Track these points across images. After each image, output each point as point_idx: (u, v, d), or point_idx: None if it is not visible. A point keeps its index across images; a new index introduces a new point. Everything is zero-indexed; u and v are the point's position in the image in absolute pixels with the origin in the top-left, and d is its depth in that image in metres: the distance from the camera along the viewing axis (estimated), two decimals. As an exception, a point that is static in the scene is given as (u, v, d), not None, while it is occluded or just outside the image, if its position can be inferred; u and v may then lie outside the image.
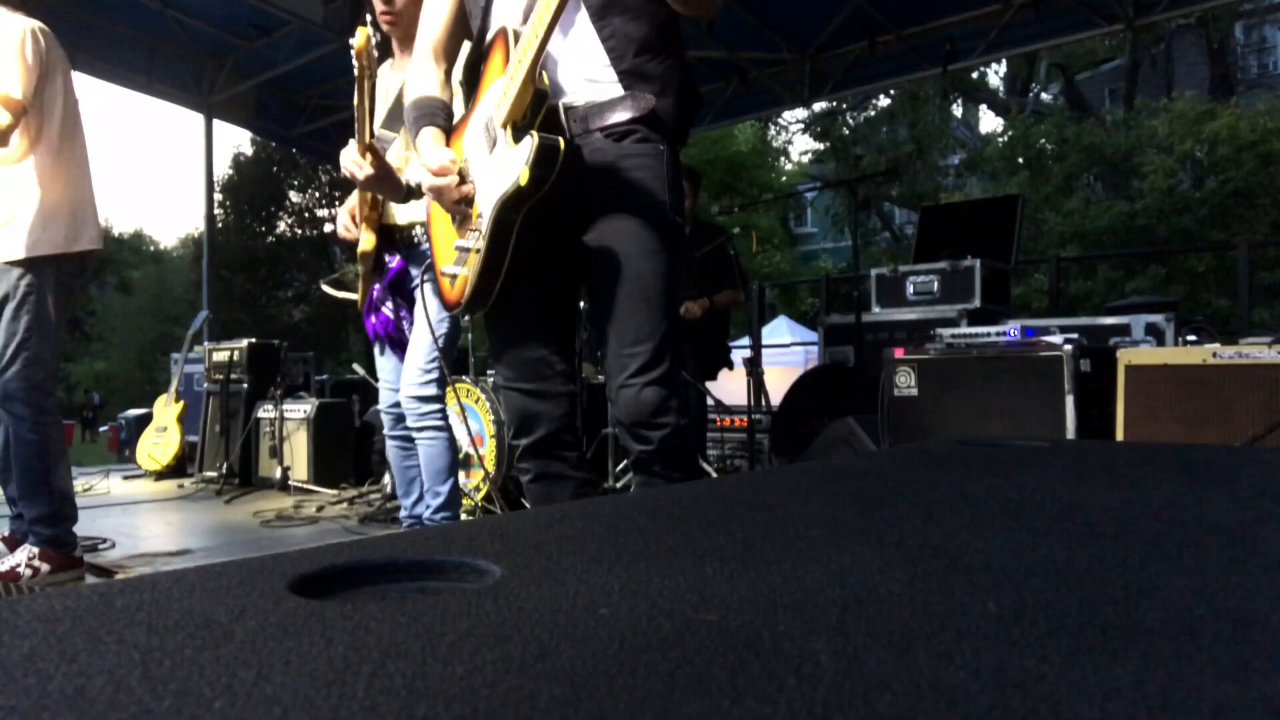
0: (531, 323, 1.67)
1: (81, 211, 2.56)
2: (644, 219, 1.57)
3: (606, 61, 1.57)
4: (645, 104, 1.57)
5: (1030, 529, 0.65)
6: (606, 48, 1.57)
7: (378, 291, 2.56)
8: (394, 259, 2.54)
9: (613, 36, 1.57)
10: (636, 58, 1.58)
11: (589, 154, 1.59)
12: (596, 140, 1.59)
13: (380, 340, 2.61)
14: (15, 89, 2.38)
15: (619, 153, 1.58)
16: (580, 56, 1.59)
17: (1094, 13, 5.46)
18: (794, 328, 13.37)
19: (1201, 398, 2.48)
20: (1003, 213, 4.98)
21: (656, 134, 1.60)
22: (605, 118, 1.58)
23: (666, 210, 1.59)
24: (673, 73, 1.62)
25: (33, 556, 2.50)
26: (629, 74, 1.58)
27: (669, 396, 1.56)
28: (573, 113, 1.60)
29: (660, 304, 1.57)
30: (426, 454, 2.52)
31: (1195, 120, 12.88)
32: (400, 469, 2.68)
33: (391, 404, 2.61)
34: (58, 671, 0.36)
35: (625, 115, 1.57)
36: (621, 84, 1.58)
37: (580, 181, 1.57)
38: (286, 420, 5.04)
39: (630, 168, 1.58)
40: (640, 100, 1.57)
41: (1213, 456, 1.14)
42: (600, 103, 1.59)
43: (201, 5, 6.04)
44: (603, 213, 1.58)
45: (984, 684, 0.34)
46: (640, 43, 1.58)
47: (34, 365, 2.46)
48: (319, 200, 22.09)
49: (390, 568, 0.55)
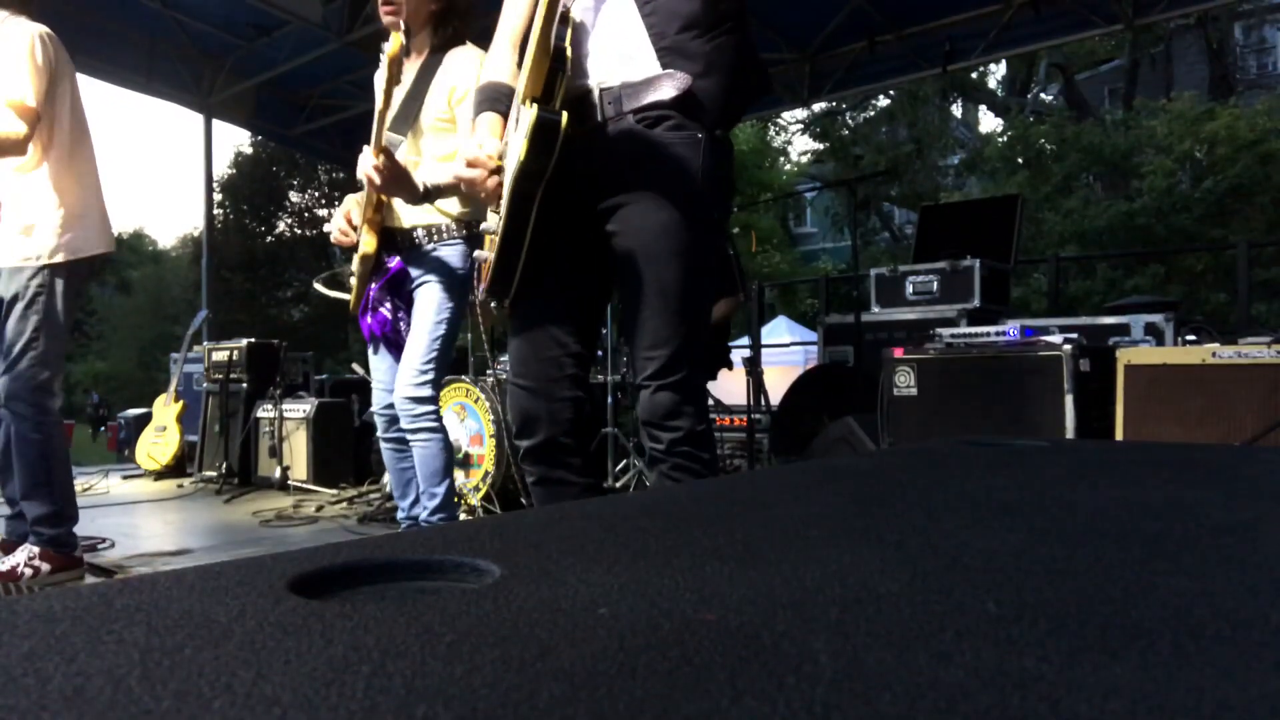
0: (548, 320, 1.58)
1: (93, 215, 2.58)
2: (673, 215, 1.47)
3: (646, 38, 1.47)
4: (681, 84, 1.45)
5: (1030, 528, 0.65)
6: (647, 23, 1.47)
7: (374, 291, 2.56)
8: (393, 260, 2.54)
9: (655, 12, 1.47)
10: (680, 34, 1.46)
11: (621, 140, 1.49)
12: (629, 124, 1.49)
13: (376, 340, 2.61)
14: (30, 97, 2.38)
15: (651, 141, 1.47)
16: (618, 32, 1.50)
17: (1093, 13, 5.47)
18: (793, 327, 13.36)
19: (1201, 397, 2.49)
20: (1002, 212, 4.99)
21: (695, 120, 1.48)
22: (639, 98, 1.48)
23: (701, 205, 1.49)
24: (722, 52, 1.49)
25: (33, 556, 2.50)
26: (668, 51, 1.46)
27: (683, 402, 1.50)
28: (607, 94, 1.50)
29: (681, 308, 1.48)
30: (421, 456, 2.51)
31: (1194, 120, 12.88)
32: (395, 471, 2.68)
33: (385, 405, 2.61)
34: (57, 671, 0.35)
35: (658, 96, 1.46)
36: (660, 62, 1.47)
37: (610, 170, 1.49)
38: (286, 420, 5.04)
39: (662, 158, 1.47)
40: (677, 80, 1.45)
41: (1212, 456, 1.14)
42: (635, 83, 1.48)
43: (201, 5, 6.04)
44: (631, 206, 1.49)
45: (983, 683, 0.34)
46: (686, 18, 1.46)
47: (40, 365, 2.46)
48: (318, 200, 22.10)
49: (390, 567, 0.55)
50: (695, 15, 1.47)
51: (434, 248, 2.51)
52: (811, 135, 20.65)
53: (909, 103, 17.65)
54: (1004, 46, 5.99)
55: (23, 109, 2.37)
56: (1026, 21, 5.62)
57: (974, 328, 3.25)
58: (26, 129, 2.37)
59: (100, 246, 2.59)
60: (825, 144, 20.21)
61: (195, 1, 6.02)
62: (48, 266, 2.47)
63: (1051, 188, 14.09)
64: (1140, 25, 5.62)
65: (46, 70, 2.44)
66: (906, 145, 18.42)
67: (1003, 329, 3.08)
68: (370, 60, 6.25)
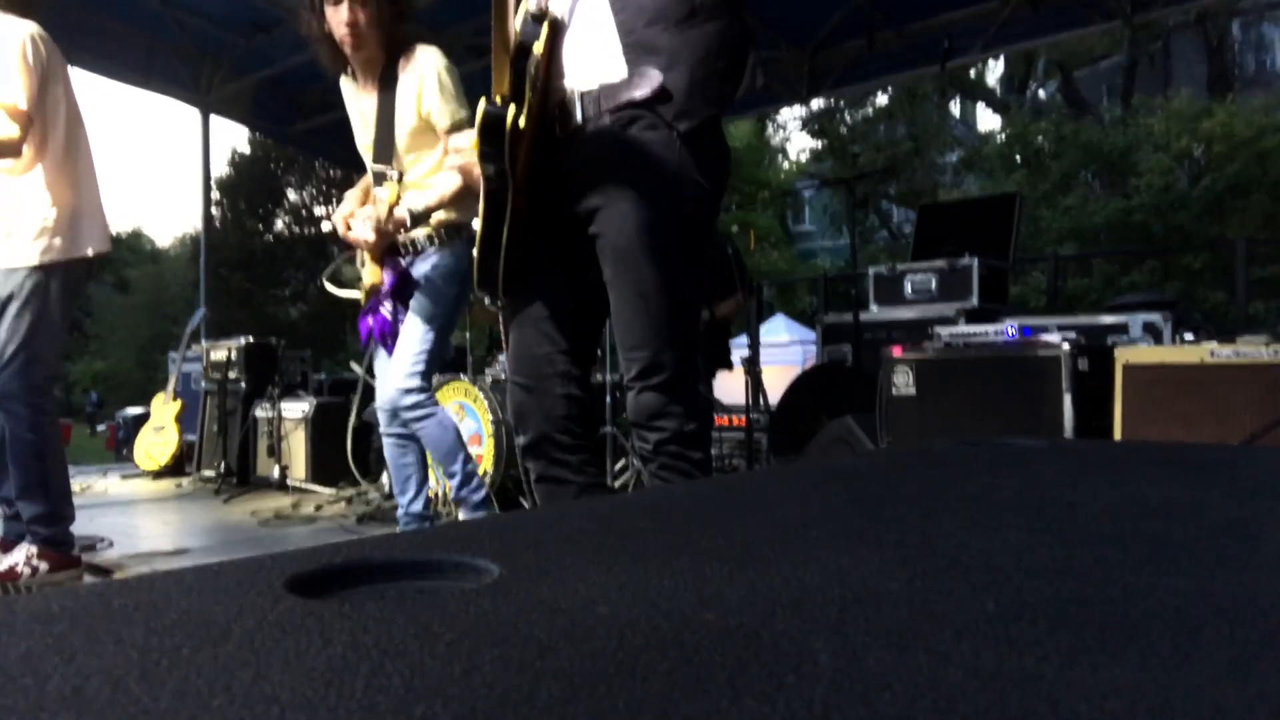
0: (540, 317, 1.58)
1: (89, 215, 2.57)
2: (650, 215, 1.45)
3: (616, 36, 1.46)
4: (654, 82, 1.43)
5: (1029, 528, 0.65)
6: (617, 20, 1.45)
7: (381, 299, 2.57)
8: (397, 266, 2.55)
9: (625, 8, 1.45)
10: (648, 28, 1.44)
11: (597, 141, 1.49)
12: (605, 124, 1.48)
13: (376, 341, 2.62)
14: (22, 100, 2.37)
15: (625, 140, 1.46)
16: (590, 31, 1.49)
17: (1092, 9, 5.47)
18: (792, 326, 13.38)
19: (1199, 397, 2.49)
20: (1000, 211, 4.99)
21: (665, 118, 1.45)
22: (615, 98, 1.46)
23: (678, 203, 1.47)
24: (690, 45, 1.45)
25: (31, 555, 2.50)
26: (634, 47, 1.45)
27: (669, 402, 1.49)
28: (588, 95, 1.49)
29: (661, 309, 1.47)
30: (430, 441, 2.54)
31: (1192, 118, 12.89)
32: (396, 466, 2.69)
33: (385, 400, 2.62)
34: (55, 671, 0.35)
35: (631, 95, 1.45)
36: (626, 58, 1.45)
37: (588, 172, 1.49)
38: (284, 419, 5.03)
39: (637, 158, 1.46)
40: (650, 78, 1.43)
41: (1211, 455, 1.14)
42: (612, 83, 1.47)
43: (200, 2, 6.03)
44: (609, 208, 1.48)
45: (983, 683, 0.34)
46: (654, 12, 1.44)
47: (34, 364, 2.46)
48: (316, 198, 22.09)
49: (389, 567, 0.55)
50: (665, 7, 1.44)
51: (434, 249, 2.53)
52: (810, 133, 20.69)
53: (907, 100, 17.66)
54: (1002, 43, 5.99)
55: (14, 112, 2.36)
56: (1025, 18, 5.62)
57: (972, 326, 3.25)
58: (19, 132, 2.36)
59: (97, 246, 2.59)
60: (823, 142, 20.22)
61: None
62: (43, 267, 2.47)
63: (1050, 185, 14.10)
64: (1139, 22, 5.63)
65: (38, 71, 2.42)
66: (905, 143, 18.43)
67: (1001, 328, 3.08)
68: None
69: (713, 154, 1.53)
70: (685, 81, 1.45)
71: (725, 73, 1.49)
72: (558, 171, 1.54)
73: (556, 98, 1.53)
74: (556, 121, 1.54)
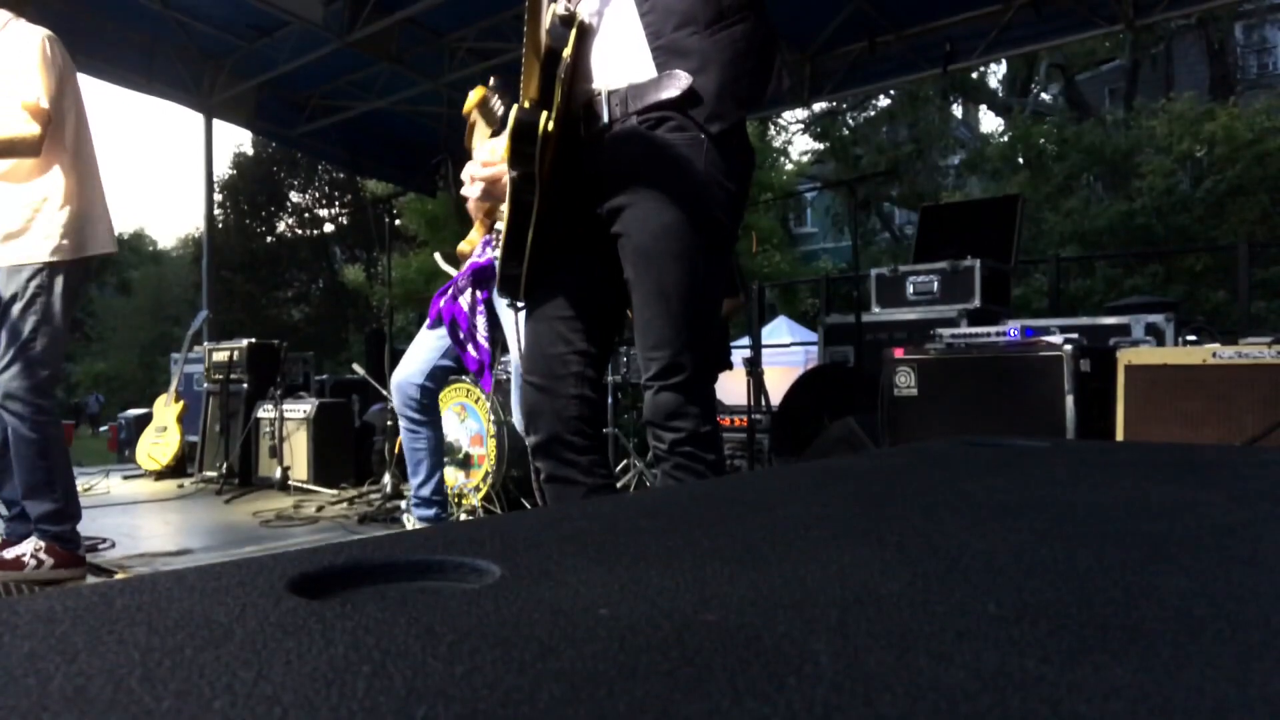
0: (557, 317, 1.58)
1: (95, 216, 2.59)
2: (675, 216, 1.46)
3: (644, 38, 1.46)
4: (683, 84, 1.44)
5: (1030, 529, 0.65)
6: (645, 23, 1.46)
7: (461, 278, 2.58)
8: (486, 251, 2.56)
9: (652, 10, 1.46)
10: (676, 31, 1.45)
11: (624, 142, 1.49)
12: (632, 126, 1.48)
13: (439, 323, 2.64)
14: (44, 99, 2.42)
15: (653, 142, 1.47)
16: (619, 34, 1.50)
17: (1094, 13, 5.46)
18: (794, 328, 13.36)
19: (1201, 398, 2.48)
20: (1003, 213, 4.99)
21: (695, 120, 1.46)
22: (642, 99, 1.47)
23: (704, 207, 1.48)
24: (720, 48, 1.46)
25: (39, 549, 2.53)
26: (664, 50, 1.46)
27: (687, 403, 1.49)
28: (614, 96, 1.50)
29: (682, 310, 1.47)
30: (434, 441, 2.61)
31: (1194, 121, 12.88)
32: (409, 449, 2.76)
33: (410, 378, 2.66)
34: (58, 671, 0.36)
35: (660, 97, 1.46)
36: (656, 62, 1.46)
37: (614, 173, 1.49)
38: (286, 420, 5.04)
39: (664, 159, 1.46)
40: (679, 80, 1.44)
41: (1212, 456, 1.14)
42: (639, 84, 1.48)
43: (201, 5, 6.04)
44: (633, 208, 1.48)
45: (984, 684, 0.34)
46: (681, 15, 1.45)
47: (36, 365, 2.47)
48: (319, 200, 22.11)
49: (390, 568, 0.55)
50: (693, 11, 1.46)
51: None
52: (812, 135, 20.66)
53: (909, 103, 17.63)
54: (1004, 46, 5.98)
55: (36, 110, 2.40)
56: (1027, 22, 5.62)
57: (974, 328, 3.25)
58: (40, 130, 2.40)
59: (102, 246, 2.61)
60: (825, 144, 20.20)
61: (196, 2, 6.02)
62: (47, 266, 2.48)
63: (1052, 188, 14.09)
64: (1141, 25, 5.61)
65: (57, 72, 2.47)
66: (907, 145, 18.41)
67: (1003, 329, 3.08)
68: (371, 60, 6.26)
69: (739, 156, 1.54)
70: (716, 84, 1.46)
71: (755, 74, 1.51)
72: (581, 172, 1.54)
73: (582, 99, 1.53)
74: (581, 122, 1.54)
